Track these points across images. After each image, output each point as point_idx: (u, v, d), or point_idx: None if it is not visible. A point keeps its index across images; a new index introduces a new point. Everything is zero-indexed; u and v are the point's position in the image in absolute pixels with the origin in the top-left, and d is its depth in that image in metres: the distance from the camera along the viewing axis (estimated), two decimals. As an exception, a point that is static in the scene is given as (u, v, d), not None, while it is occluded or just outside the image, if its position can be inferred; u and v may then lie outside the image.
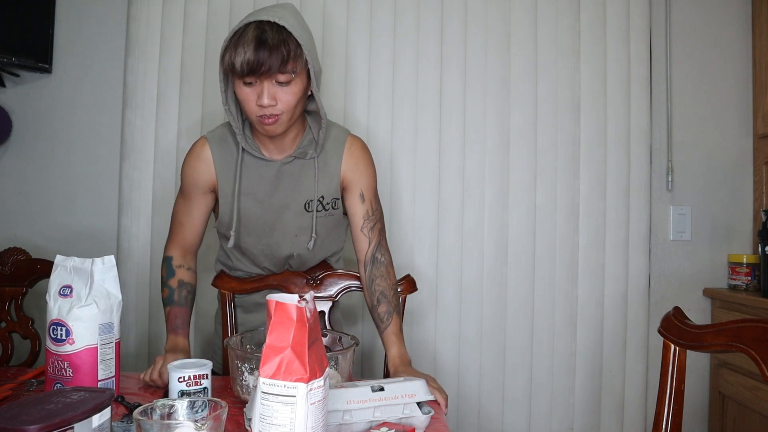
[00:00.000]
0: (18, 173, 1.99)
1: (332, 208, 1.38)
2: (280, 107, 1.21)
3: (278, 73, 1.18)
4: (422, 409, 0.98)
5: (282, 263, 1.46)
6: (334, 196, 1.38)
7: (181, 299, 1.37)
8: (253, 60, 1.15)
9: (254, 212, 1.36)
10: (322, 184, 1.36)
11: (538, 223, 1.99)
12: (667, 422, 0.98)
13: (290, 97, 1.21)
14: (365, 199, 1.38)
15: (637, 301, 2.00)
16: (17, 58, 1.86)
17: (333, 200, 1.38)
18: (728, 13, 2.10)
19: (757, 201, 2.08)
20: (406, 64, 1.97)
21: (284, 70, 1.18)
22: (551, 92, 2.00)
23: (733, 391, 1.90)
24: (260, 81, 1.18)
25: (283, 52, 1.16)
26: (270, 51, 1.15)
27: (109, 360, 1.08)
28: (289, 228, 1.38)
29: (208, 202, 1.39)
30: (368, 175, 1.40)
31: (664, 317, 1.03)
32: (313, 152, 1.34)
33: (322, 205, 1.37)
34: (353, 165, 1.38)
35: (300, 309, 0.73)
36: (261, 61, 1.15)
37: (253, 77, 1.18)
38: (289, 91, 1.21)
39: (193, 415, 0.78)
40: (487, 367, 1.97)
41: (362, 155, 1.40)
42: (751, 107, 2.10)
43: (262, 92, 1.19)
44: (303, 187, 1.35)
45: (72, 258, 1.09)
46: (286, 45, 1.17)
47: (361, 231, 1.38)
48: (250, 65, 1.16)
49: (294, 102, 1.22)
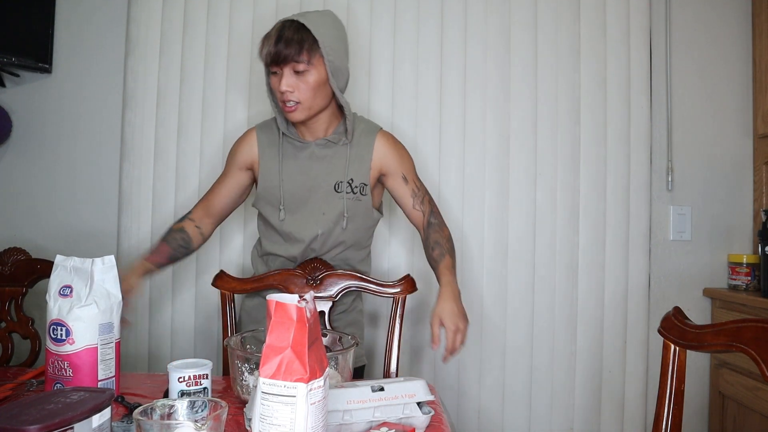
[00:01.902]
0: (18, 173, 1.99)
1: (360, 193, 1.49)
2: (297, 95, 1.37)
3: (294, 62, 1.34)
4: (422, 409, 0.98)
5: (307, 244, 1.50)
6: (363, 182, 1.49)
7: (167, 238, 1.51)
8: (273, 51, 1.35)
9: (290, 189, 1.49)
10: (352, 168, 1.49)
11: (538, 223, 1.99)
12: (667, 422, 0.98)
13: (306, 86, 1.37)
14: (408, 180, 1.53)
15: (637, 301, 2.00)
16: (17, 58, 1.86)
17: (361, 185, 1.49)
18: (728, 13, 2.10)
19: (757, 201, 2.08)
20: (406, 65, 1.97)
21: (299, 60, 1.34)
22: (551, 92, 2.00)
23: (733, 391, 1.90)
24: (281, 70, 1.36)
25: (298, 44, 1.33)
26: (286, 42, 1.34)
27: (109, 360, 1.08)
28: (318, 206, 1.48)
29: (242, 179, 1.55)
30: (405, 159, 1.54)
31: (664, 317, 1.03)
32: (345, 139, 1.49)
33: (350, 188, 1.48)
34: (386, 153, 1.51)
35: (300, 309, 0.73)
36: (279, 51, 1.34)
37: (276, 67, 1.37)
38: (305, 81, 1.37)
39: (193, 415, 0.78)
40: (487, 366, 1.97)
41: (394, 144, 1.54)
42: (751, 107, 2.10)
43: (281, 79, 1.37)
44: (334, 169, 1.48)
45: (72, 258, 1.10)
46: (301, 39, 1.34)
47: (414, 209, 1.53)
48: (271, 55, 1.35)
49: (310, 91, 1.38)
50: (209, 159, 1.96)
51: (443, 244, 1.50)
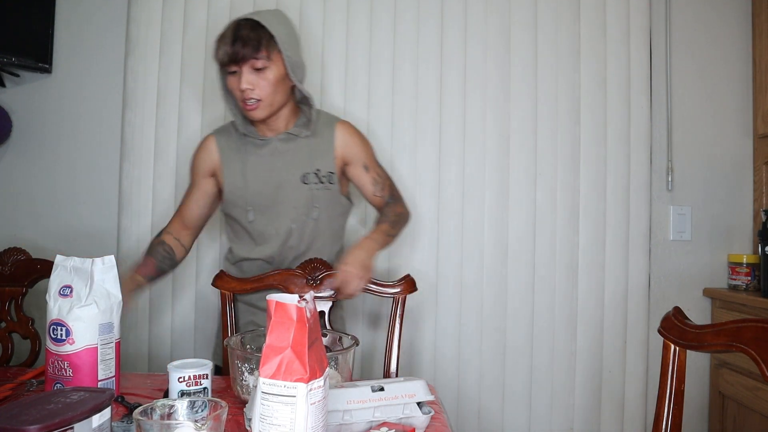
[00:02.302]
0: (18, 173, 1.99)
1: (328, 182, 1.51)
2: (258, 92, 1.39)
3: (253, 59, 1.36)
4: (422, 409, 0.98)
5: (282, 241, 1.50)
6: (330, 170, 1.51)
7: (152, 252, 1.50)
8: (230, 50, 1.36)
9: (256, 189, 1.49)
10: (316, 158, 1.50)
11: (538, 223, 1.99)
12: (667, 422, 0.98)
13: (266, 83, 1.39)
14: (369, 168, 1.56)
15: (637, 301, 2.00)
16: (17, 58, 1.86)
17: (328, 173, 1.51)
18: (728, 13, 2.10)
19: (757, 201, 2.08)
20: (406, 65, 1.97)
21: (258, 57, 1.36)
22: (551, 92, 2.00)
23: (733, 391, 1.90)
24: (240, 69, 1.37)
25: (255, 41, 1.35)
26: (244, 41, 1.35)
27: (109, 360, 1.08)
28: (288, 200, 1.49)
29: (208, 187, 1.55)
30: (365, 148, 1.57)
31: (664, 317, 1.03)
32: (307, 131, 1.50)
33: (318, 178, 1.49)
34: (347, 142, 1.53)
35: (300, 309, 0.73)
36: (236, 49, 1.35)
37: (234, 66, 1.38)
38: (265, 78, 1.38)
39: (193, 415, 0.78)
40: (487, 367, 1.97)
41: (354, 133, 1.57)
42: (751, 107, 2.10)
43: (241, 78, 1.38)
44: (299, 161, 1.50)
45: (72, 258, 1.09)
46: (258, 36, 1.36)
47: (374, 195, 1.57)
48: (229, 55, 1.36)
49: (270, 88, 1.39)
50: (209, 159, 1.95)
51: (389, 215, 1.54)
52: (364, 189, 1.57)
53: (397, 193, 1.61)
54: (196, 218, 1.57)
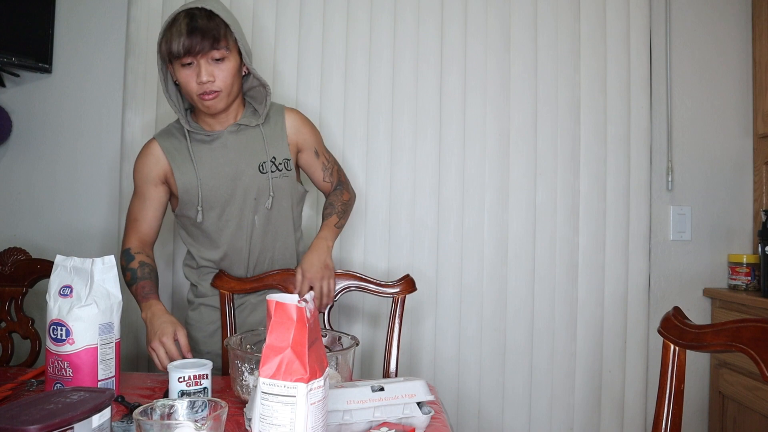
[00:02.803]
0: (18, 173, 1.99)
1: (285, 168, 1.48)
2: (218, 84, 1.35)
3: (212, 50, 1.32)
4: (422, 409, 0.98)
5: (244, 237, 1.47)
6: (285, 157, 1.49)
7: (144, 275, 1.39)
8: (187, 41, 1.31)
9: (212, 185, 1.44)
10: (271, 146, 1.47)
11: (538, 223, 1.99)
12: (667, 422, 0.98)
13: (226, 74, 1.36)
14: (319, 154, 1.56)
15: (637, 301, 2.00)
16: (17, 58, 1.86)
17: (285, 161, 1.48)
18: (728, 13, 2.10)
19: (757, 201, 2.08)
20: (406, 65, 1.97)
21: (217, 47, 1.33)
22: (551, 92, 2.00)
23: (733, 391, 1.90)
24: (197, 61, 1.33)
25: (214, 31, 1.32)
26: (202, 32, 1.31)
27: (109, 360, 1.08)
28: (247, 192, 1.45)
29: (160, 195, 1.47)
30: (314, 133, 1.57)
31: (664, 317, 1.03)
32: (257, 120, 1.47)
33: (275, 166, 1.47)
34: (298, 127, 1.53)
35: (300, 309, 0.73)
36: (195, 41, 1.30)
37: (190, 57, 1.32)
38: (224, 68, 1.35)
39: (193, 415, 0.78)
40: (487, 367, 1.97)
41: (303, 119, 1.56)
42: (751, 107, 2.10)
43: (200, 71, 1.33)
44: (253, 151, 1.46)
45: (72, 258, 1.10)
46: (216, 25, 1.33)
47: (324, 181, 1.58)
48: (186, 46, 1.31)
49: (230, 78, 1.37)
50: (209, 159, 1.95)
51: (336, 205, 1.54)
52: (314, 175, 1.57)
53: (345, 177, 1.63)
54: (154, 231, 1.48)
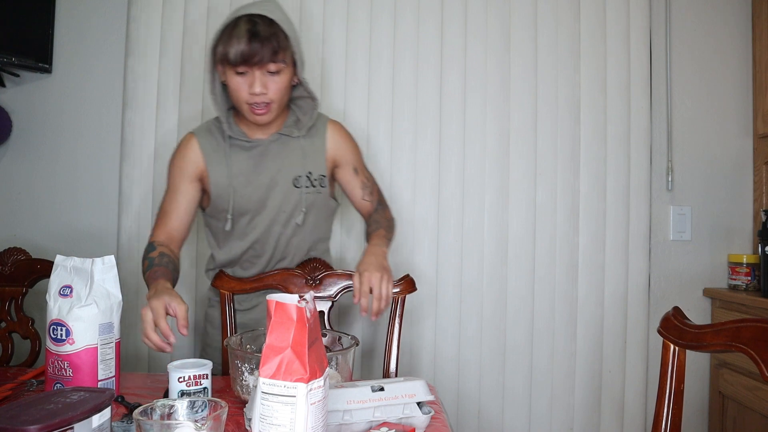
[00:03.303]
0: (18, 173, 1.99)
1: (320, 185, 1.45)
2: (271, 96, 1.31)
3: (270, 62, 1.28)
4: (422, 409, 0.98)
5: (271, 246, 1.46)
6: (321, 173, 1.45)
7: (162, 263, 1.28)
8: (246, 50, 1.26)
9: (245, 192, 1.41)
10: (309, 160, 1.44)
11: (538, 223, 1.99)
12: (667, 422, 0.98)
13: (279, 86, 1.32)
14: (359, 172, 1.52)
15: (637, 301, 2.00)
16: (17, 58, 1.86)
17: (320, 177, 1.45)
18: (728, 13, 2.10)
19: (757, 201, 2.08)
20: (406, 65, 1.97)
21: (275, 60, 1.28)
22: (551, 92, 2.00)
23: (733, 391, 1.90)
24: (252, 71, 1.28)
25: (274, 43, 1.27)
26: (262, 42, 1.26)
27: (109, 360, 1.08)
28: (278, 204, 1.43)
29: (193, 192, 1.42)
30: (355, 151, 1.53)
31: (664, 317, 1.03)
32: (299, 131, 1.44)
33: (310, 181, 1.44)
34: (339, 144, 1.49)
35: (300, 309, 0.73)
36: (254, 51, 1.26)
37: (245, 67, 1.28)
38: (278, 81, 1.31)
39: (193, 415, 0.78)
40: (487, 367, 1.97)
41: (345, 134, 1.52)
42: (751, 107, 2.10)
43: (254, 81, 1.29)
44: (290, 163, 1.43)
45: (72, 258, 1.10)
46: (276, 37, 1.28)
47: (363, 200, 1.53)
48: (244, 55, 1.26)
49: (282, 91, 1.33)
50: (209, 159, 1.95)
51: (381, 221, 1.49)
52: (353, 193, 1.52)
53: (383, 198, 1.57)
54: (185, 227, 1.41)
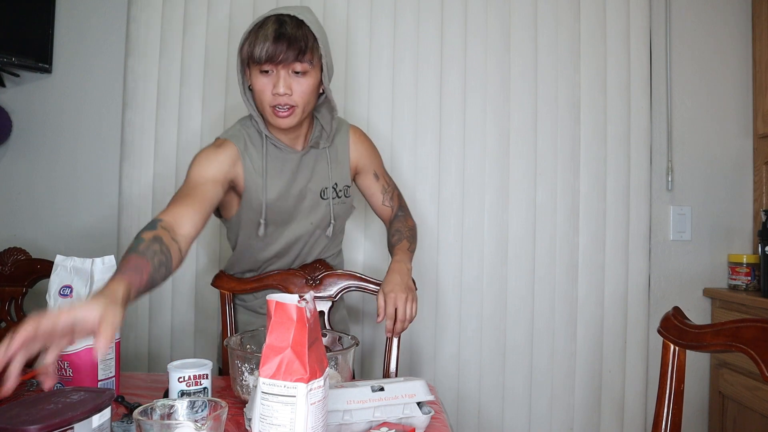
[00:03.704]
0: (18, 173, 1.99)
1: (344, 195, 1.45)
2: (295, 98, 1.26)
3: (295, 62, 1.23)
4: (422, 409, 0.98)
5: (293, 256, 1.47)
6: (346, 183, 1.45)
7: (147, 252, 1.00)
8: (272, 48, 1.21)
9: (277, 202, 1.38)
10: (335, 171, 1.43)
11: (538, 223, 1.99)
12: (667, 422, 0.98)
13: (305, 88, 1.26)
14: (379, 176, 1.52)
15: (637, 301, 2.00)
16: (17, 58, 1.86)
17: (345, 187, 1.45)
18: (728, 13, 2.10)
19: (757, 201, 2.08)
20: (406, 65, 1.97)
21: (302, 60, 1.23)
22: (551, 92, 2.00)
23: (733, 391, 1.90)
24: (277, 70, 1.24)
25: (301, 42, 1.23)
26: (289, 41, 1.22)
27: (109, 360, 1.08)
28: (305, 216, 1.41)
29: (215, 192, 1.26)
30: (375, 156, 1.52)
31: (664, 317, 1.03)
32: (325, 142, 1.41)
33: (335, 192, 1.43)
34: (361, 150, 1.48)
35: (300, 309, 0.73)
36: (280, 49, 1.21)
37: (270, 65, 1.23)
38: (304, 83, 1.26)
39: (193, 415, 0.78)
40: (487, 367, 1.97)
41: (366, 140, 1.51)
42: (751, 107, 2.10)
43: (278, 81, 1.24)
44: (318, 175, 1.42)
45: (72, 258, 1.10)
46: (304, 37, 1.23)
47: (383, 204, 1.52)
48: (269, 53, 1.21)
49: (308, 94, 1.28)
50: (209, 159, 1.95)
51: (404, 231, 1.48)
52: (373, 198, 1.52)
53: (404, 202, 1.56)
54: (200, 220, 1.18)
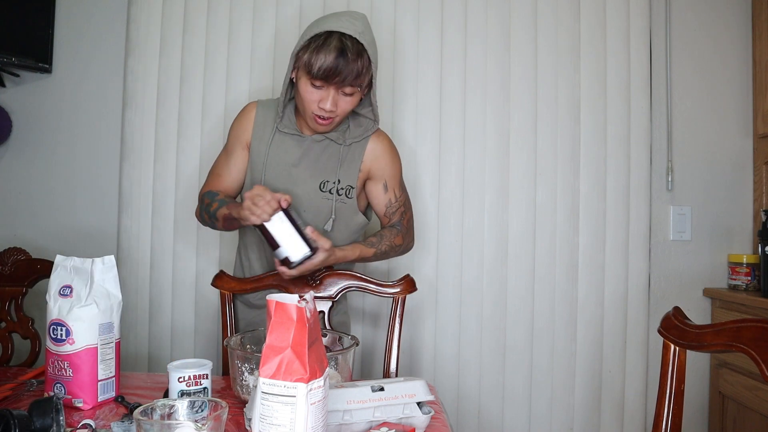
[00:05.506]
0: (18, 173, 2.00)
1: (345, 195, 1.44)
2: (338, 112, 1.34)
3: (348, 86, 1.30)
4: (422, 409, 0.98)
5: None
6: (350, 184, 1.45)
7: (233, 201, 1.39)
8: (330, 69, 1.26)
9: (277, 181, 1.42)
10: (343, 169, 1.44)
11: (538, 223, 1.99)
12: (667, 422, 0.98)
13: (349, 106, 1.35)
14: (388, 188, 1.49)
15: (637, 301, 2.00)
16: (17, 58, 1.86)
17: (348, 187, 1.44)
18: (728, 13, 2.10)
19: (757, 201, 2.08)
20: (406, 65, 1.97)
21: (354, 84, 1.30)
22: (551, 92, 2.00)
23: (733, 391, 1.90)
24: (328, 88, 1.30)
25: (358, 68, 1.28)
26: (348, 64, 1.27)
27: (109, 360, 1.08)
28: (302, 202, 1.43)
29: (244, 160, 1.46)
30: (392, 167, 1.49)
31: (664, 317, 1.03)
32: (343, 141, 1.44)
33: (336, 189, 1.43)
34: (377, 156, 1.47)
35: (300, 309, 0.73)
36: (337, 72, 1.27)
37: (323, 83, 1.29)
38: (349, 101, 1.34)
39: (193, 415, 0.78)
40: (487, 367, 1.97)
41: (387, 147, 1.49)
42: (751, 107, 2.10)
43: (327, 98, 1.30)
44: (324, 167, 1.44)
45: (72, 258, 1.10)
46: (361, 61, 1.28)
47: (384, 215, 1.52)
48: (326, 72, 1.27)
49: (350, 109, 1.36)
50: (209, 159, 1.95)
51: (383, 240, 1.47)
52: (377, 207, 1.52)
53: (410, 223, 1.54)
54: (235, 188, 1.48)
